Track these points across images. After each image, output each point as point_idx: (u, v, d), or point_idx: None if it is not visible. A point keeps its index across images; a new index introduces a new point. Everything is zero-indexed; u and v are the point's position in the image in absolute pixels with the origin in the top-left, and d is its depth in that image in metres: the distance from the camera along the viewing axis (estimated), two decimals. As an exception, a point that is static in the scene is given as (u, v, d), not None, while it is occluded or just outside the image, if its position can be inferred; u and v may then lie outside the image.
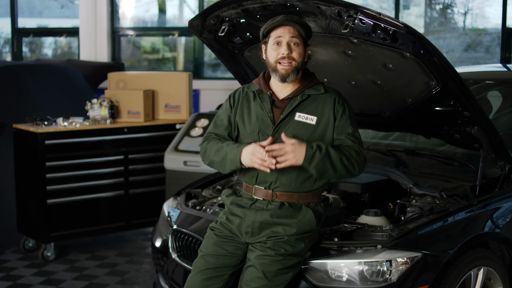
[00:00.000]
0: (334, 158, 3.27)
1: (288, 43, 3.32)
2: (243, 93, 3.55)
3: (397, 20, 3.43)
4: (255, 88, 3.51)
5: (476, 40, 9.49)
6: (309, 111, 3.39)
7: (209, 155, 3.50)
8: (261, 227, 3.35)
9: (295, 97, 3.40)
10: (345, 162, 3.29)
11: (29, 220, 6.12)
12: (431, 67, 3.69)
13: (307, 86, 3.42)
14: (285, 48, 3.31)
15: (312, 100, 3.41)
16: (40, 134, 5.86)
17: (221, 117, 3.57)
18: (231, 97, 3.58)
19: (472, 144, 4.06)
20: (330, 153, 3.26)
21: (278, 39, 3.33)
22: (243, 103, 3.52)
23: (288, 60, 3.31)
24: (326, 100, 3.41)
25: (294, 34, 3.32)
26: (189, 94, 6.79)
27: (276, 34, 3.34)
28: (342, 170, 3.30)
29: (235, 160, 3.35)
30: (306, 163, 3.23)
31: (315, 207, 3.43)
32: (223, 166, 3.44)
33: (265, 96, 3.46)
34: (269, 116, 3.41)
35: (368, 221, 3.76)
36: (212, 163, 3.50)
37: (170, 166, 6.17)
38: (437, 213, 3.67)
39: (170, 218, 4.27)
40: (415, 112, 4.19)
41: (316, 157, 3.23)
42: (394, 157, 4.60)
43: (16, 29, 11.24)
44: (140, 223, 6.58)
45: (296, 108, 3.39)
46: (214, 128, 3.58)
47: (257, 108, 3.46)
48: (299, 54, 3.34)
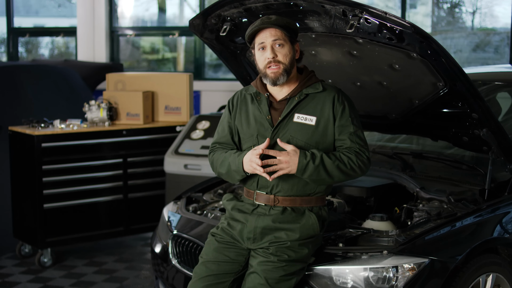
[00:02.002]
0: (329, 166, 3.28)
1: (271, 46, 3.32)
2: (241, 96, 3.57)
3: (404, 20, 3.43)
4: (252, 91, 3.51)
5: (484, 40, 9.48)
6: (308, 111, 3.38)
7: (216, 167, 3.54)
8: (263, 232, 3.35)
9: (293, 98, 3.40)
10: (342, 168, 3.30)
11: (25, 225, 6.13)
12: (438, 68, 3.69)
13: (305, 85, 3.42)
14: (270, 52, 3.31)
15: (311, 99, 3.41)
16: (36, 136, 5.87)
17: (222, 125, 3.60)
18: (229, 103, 3.59)
19: (480, 147, 4.06)
20: (324, 162, 3.27)
21: (262, 44, 3.34)
22: (242, 107, 3.53)
23: (275, 63, 3.32)
24: (325, 99, 3.40)
25: (276, 35, 3.32)
26: (190, 95, 6.80)
27: (259, 39, 3.35)
28: (340, 175, 3.32)
29: (239, 170, 3.38)
30: (299, 173, 3.27)
31: (319, 211, 3.43)
32: (230, 177, 3.47)
33: (263, 98, 3.46)
34: (267, 119, 3.41)
35: (373, 226, 3.76)
36: (221, 175, 3.55)
37: (170, 170, 6.18)
38: (444, 218, 3.68)
39: (170, 223, 4.28)
40: (422, 114, 4.20)
41: (309, 167, 3.25)
42: (401, 160, 4.60)
43: (12, 28, 11.25)
44: (139, 228, 6.58)
45: (295, 109, 3.39)
46: (217, 137, 3.61)
47: (255, 111, 3.46)
48: (285, 55, 3.33)
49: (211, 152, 3.60)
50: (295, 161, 3.25)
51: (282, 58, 3.32)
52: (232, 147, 3.54)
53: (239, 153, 3.41)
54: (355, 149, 3.35)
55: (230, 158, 3.42)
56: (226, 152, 3.49)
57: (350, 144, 3.36)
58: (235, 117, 3.54)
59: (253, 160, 3.28)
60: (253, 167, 3.29)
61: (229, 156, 3.44)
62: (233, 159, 3.40)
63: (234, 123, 3.54)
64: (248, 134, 3.47)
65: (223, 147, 3.55)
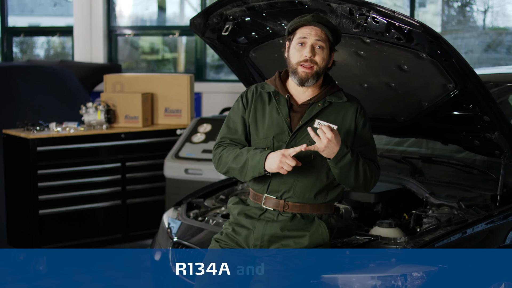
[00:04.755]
0: (361, 166, 3.25)
1: (312, 45, 3.27)
2: (256, 93, 3.48)
3: (413, 19, 3.44)
4: (270, 89, 3.45)
5: (496, 40, 9.48)
6: (329, 119, 3.34)
7: (226, 162, 3.42)
8: (270, 240, 3.34)
9: (316, 103, 3.36)
10: (367, 174, 3.28)
11: (19, 232, 6.14)
12: (448, 69, 3.70)
13: (328, 92, 3.39)
14: (308, 51, 3.27)
15: (333, 107, 3.38)
16: (31, 140, 5.88)
17: (234, 119, 3.51)
18: (243, 97, 3.50)
19: (492, 151, 4.07)
20: (359, 159, 3.25)
21: (303, 39, 3.29)
22: (257, 105, 3.46)
23: (310, 63, 3.28)
24: (348, 109, 3.38)
25: (321, 37, 3.28)
26: (191, 97, 6.81)
27: (302, 33, 3.29)
28: (362, 179, 3.28)
29: (258, 166, 3.27)
30: (335, 160, 3.19)
31: (328, 219, 3.41)
32: (243, 173, 3.36)
33: (282, 99, 3.41)
34: (286, 122, 3.36)
35: (381, 233, 3.76)
36: (230, 170, 3.42)
37: (170, 174, 6.18)
38: (455, 225, 3.68)
39: (171, 230, 4.28)
40: (432, 117, 4.20)
41: (346, 158, 3.19)
42: (409, 165, 4.60)
43: (6, 28, 11.27)
44: (138, 235, 6.59)
45: (316, 115, 3.35)
46: (227, 132, 3.52)
47: (273, 112, 3.41)
48: (323, 59, 3.30)
49: (220, 147, 3.49)
50: (337, 145, 3.16)
51: (319, 60, 3.29)
52: (244, 145, 3.45)
53: (261, 149, 3.32)
54: (374, 162, 3.36)
55: (249, 154, 3.32)
56: (240, 148, 3.40)
57: (371, 157, 3.36)
58: (250, 114, 3.46)
59: (287, 161, 3.18)
60: (284, 167, 3.19)
61: (247, 151, 3.34)
62: (253, 154, 3.30)
63: (248, 119, 3.47)
64: (262, 135, 3.41)
65: (235, 144, 3.47)
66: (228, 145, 3.48)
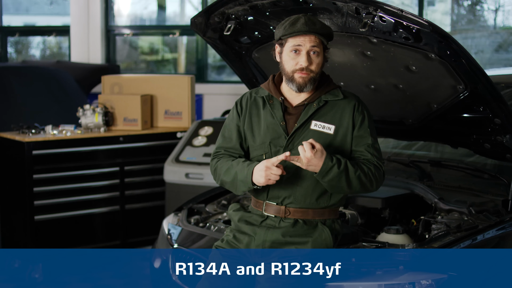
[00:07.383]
0: (351, 175, 3.25)
1: (308, 52, 3.28)
2: (250, 99, 3.51)
3: (421, 18, 3.44)
4: (264, 94, 3.46)
5: (508, 40, 9.48)
6: (326, 119, 3.36)
7: (219, 175, 3.47)
8: (272, 246, 3.34)
9: (311, 104, 3.37)
10: (363, 179, 3.28)
11: (15, 238, 6.14)
12: (458, 70, 3.70)
13: (323, 91, 3.39)
14: (305, 60, 3.26)
15: (330, 106, 3.38)
16: (27, 143, 5.88)
17: (229, 128, 3.54)
18: (237, 104, 3.53)
19: (503, 155, 4.07)
20: (348, 169, 3.25)
21: (297, 47, 3.28)
22: (252, 111, 3.48)
23: (306, 71, 3.29)
24: (345, 107, 3.38)
25: (315, 42, 3.27)
26: (191, 99, 6.82)
27: (296, 41, 3.27)
28: (358, 186, 3.30)
29: (246, 181, 3.31)
30: (321, 175, 3.22)
31: (332, 224, 3.41)
32: (234, 187, 3.41)
33: (276, 103, 3.42)
34: (281, 125, 3.37)
35: (389, 239, 3.76)
36: (224, 184, 3.48)
37: (170, 179, 6.19)
38: (465, 231, 3.67)
39: (171, 236, 4.28)
40: (441, 119, 4.20)
41: (332, 171, 3.21)
42: (418, 169, 4.60)
43: (0, 27, 11.30)
44: (137, 242, 6.59)
45: (312, 116, 3.36)
46: (222, 142, 3.54)
47: (268, 116, 3.42)
48: (318, 64, 3.30)
49: (215, 158, 3.53)
50: (320, 160, 3.19)
51: (315, 67, 3.29)
52: (240, 154, 3.48)
53: (249, 162, 3.36)
54: (373, 162, 3.35)
55: (238, 167, 3.36)
56: (233, 160, 3.44)
57: (370, 156, 3.36)
58: (245, 121, 3.48)
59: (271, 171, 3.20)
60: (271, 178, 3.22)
61: (237, 164, 3.38)
62: (241, 168, 3.34)
63: (243, 127, 3.49)
64: (258, 141, 3.43)
65: (230, 154, 3.50)
66: (222, 156, 3.52)
